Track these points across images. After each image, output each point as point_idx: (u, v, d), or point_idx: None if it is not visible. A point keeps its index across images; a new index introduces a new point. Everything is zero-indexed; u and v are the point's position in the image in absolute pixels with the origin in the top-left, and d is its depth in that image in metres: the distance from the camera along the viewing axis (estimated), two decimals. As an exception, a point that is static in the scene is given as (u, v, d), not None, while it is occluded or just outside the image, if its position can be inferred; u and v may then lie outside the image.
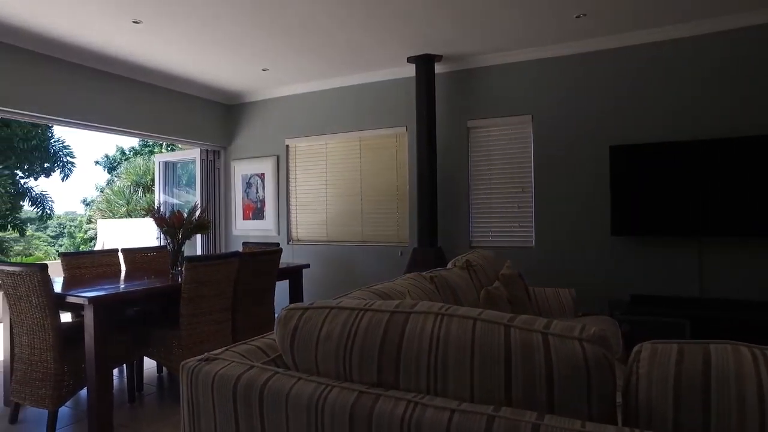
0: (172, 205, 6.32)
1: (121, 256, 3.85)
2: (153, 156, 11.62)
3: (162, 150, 12.74)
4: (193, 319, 2.90)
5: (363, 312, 1.08)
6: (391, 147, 4.93)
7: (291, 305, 1.20)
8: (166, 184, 6.39)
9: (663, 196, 3.70)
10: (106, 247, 9.36)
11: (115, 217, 12.20)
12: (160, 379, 3.56)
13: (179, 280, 3.01)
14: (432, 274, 2.10)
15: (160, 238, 5.88)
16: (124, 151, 15.96)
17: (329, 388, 0.98)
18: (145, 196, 12.33)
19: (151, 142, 13.89)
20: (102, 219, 12.06)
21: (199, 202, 5.60)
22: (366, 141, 5.06)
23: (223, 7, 3.35)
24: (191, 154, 5.96)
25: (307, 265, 4.34)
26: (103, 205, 13.05)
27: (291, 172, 5.52)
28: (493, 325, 0.94)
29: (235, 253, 3.20)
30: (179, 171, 6.58)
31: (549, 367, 0.86)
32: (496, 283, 2.52)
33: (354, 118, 5.08)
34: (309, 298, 4.93)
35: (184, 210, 3.60)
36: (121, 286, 2.98)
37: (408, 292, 1.74)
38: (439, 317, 1.00)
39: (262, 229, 5.66)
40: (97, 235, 11.44)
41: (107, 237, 10.37)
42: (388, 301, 1.12)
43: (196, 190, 5.87)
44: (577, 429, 0.76)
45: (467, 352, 0.92)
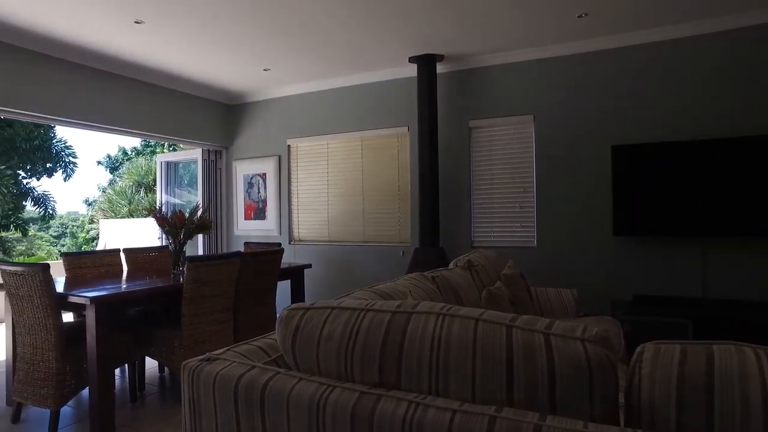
0: (174, 205, 6.32)
1: (122, 256, 3.85)
2: (155, 156, 11.63)
3: (164, 150, 12.76)
4: (194, 319, 2.90)
5: (364, 312, 1.08)
6: (393, 147, 4.93)
7: (292, 305, 1.20)
8: (167, 184, 6.39)
9: (665, 196, 3.69)
10: (108, 247, 9.36)
11: (117, 217, 12.22)
12: (162, 379, 3.57)
13: (181, 280, 3.01)
14: (434, 274, 2.10)
15: (161, 238, 5.89)
16: (126, 152, 15.99)
17: (330, 388, 0.98)
18: (147, 196, 12.34)
19: (153, 143, 13.92)
20: (104, 219, 12.08)
21: (200, 202, 5.60)
22: (367, 141, 5.06)
23: (225, 7, 3.36)
24: (193, 154, 5.96)
25: (309, 265, 4.34)
26: (105, 205, 13.07)
27: (292, 172, 5.52)
28: (494, 326, 0.94)
29: (237, 253, 3.21)
30: (181, 171, 6.58)
31: (551, 367, 0.86)
32: (498, 283, 2.52)
33: (355, 118, 5.08)
34: (310, 298, 4.93)
35: (185, 210, 3.60)
36: (123, 286, 2.98)
37: (409, 292, 1.74)
38: (441, 317, 1.00)
39: (264, 229, 5.66)
40: (99, 235, 11.47)
41: (109, 237, 10.39)
42: (389, 301, 1.12)
43: (198, 190, 5.87)
44: (579, 430, 0.76)
45: (469, 353, 0.92)
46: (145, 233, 8.60)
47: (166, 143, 10.27)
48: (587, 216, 4.06)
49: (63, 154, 11.87)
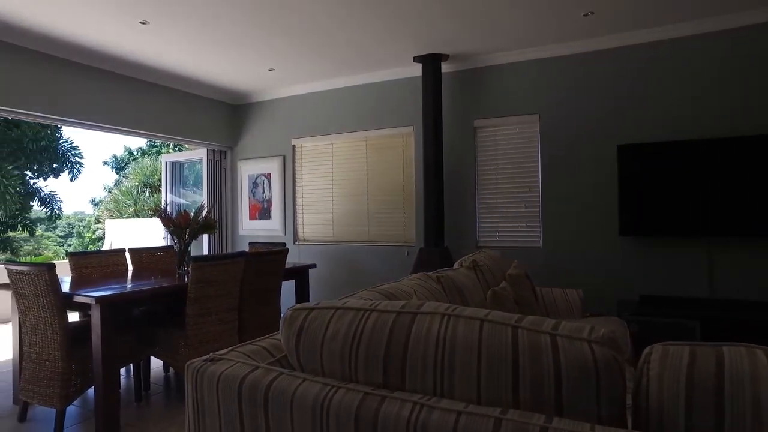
0: (179, 205, 6.34)
1: (128, 256, 3.86)
2: (160, 156, 11.70)
3: (169, 150, 12.81)
4: (199, 319, 2.90)
5: (369, 312, 1.07)
6: (398, 147, 4.92)
7: (296, 305, 1.19)
8: (173, 184, 6.42)
9: (672, 196, 3.66)
10: (113, 246, 9.42)
11: (123, 217, 12.29)
12: (167, 378, 3.57)
13: (185, 280, 3.02)
14: (438, 275, 2.09)
15: (166, 238, 5.91)
16: (131, 152, 16.07)
17: (334, 389, 0.97)
18: (153, 197, 12.40)
19: (158, 143, 13.98)
20: (110, 219, 12.16)
21: (205, 202, 5.61)
22: (372, 141, 5.05)
23: (233, 7, 3.36)
24: (198, 155, 5.98)
25: (314, 265, 4.34)
26: (111, 205, 13.15)
27: (297, 172, 5.53)
28: (500, 326, 0.93)
29: (242, 253, 3.21)
30: (186, 171, 6.60)
31: (557, 368, 0.85)
32: (503, 283, 2.50)
33: (360, 118, 5.08)
34: (315, 298, 4.93)
35: (190, 210, 3.61)
36: (128, 286, 2.99)
37: (414, 292, 1.73)
38: (446, 318, 0.99)
39: (269, 229, 5.67)
40: (105, 235, 11.54)
41: (115, 237, 10.45)
42: (394, 301, 1.11)
43: (203, 190, 5.89)
44: (586, 432, 0.75)
45: (474, 353, 0.91)
46: (151, 233, 8.64)
47: (172, 143, 10.31)
48: (593, 216, 4.04)
49: (69, 154, 11.95)
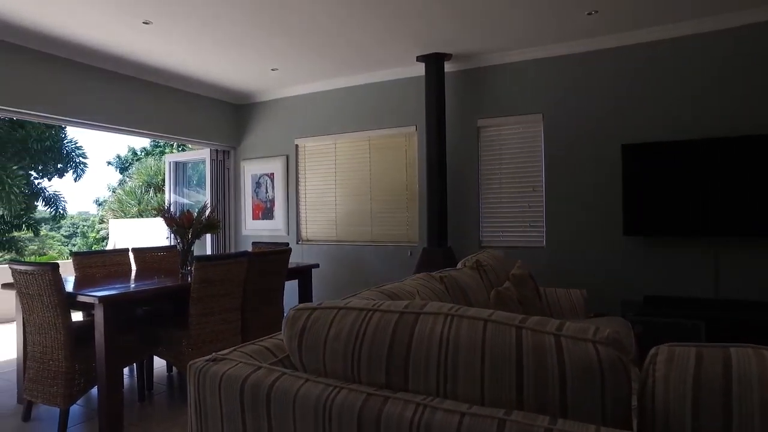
0: (183, 205, 6.36)
1: (131, 256, 3.87)
2: (164, 156, 11.72)
3: (173, 150, 12.85)
4: (202, 318, 2.91)
5: (372, 312, 1.07)
6: (401, 146, 4.92)
7: (299, 305, 1.19)
8: (176, 184, 6.43)
9: (676, 196, 3.64)
10: (117, 246, 9.44)
11: (127, 217, 12.33)
12: (170, 378, 3.58)
13: (189, 279, 3.02)
14: (442, 275, 2.08)
15: (170, 238, 5.92)
16: (135, 152, 16.13)
17: (337, 389, 0.96)
18: (156, 196, 12.44)
19: (162, 143, 14.02)
20: (114, 219, 12.20)
21: (208, 202, 5.62)
22: (375, 140, 5.05)
23: (233, 7, 3.36)
24: (201, 154, 5.99)
25: (317, 265, 4.34)
26: (115, 205, 13.20)
27: (300, 172, 5.53)
28: (504, 327, 0.93)
29: (245, 253, 3.21)
30: (189, 171, 6.62)
31: (562, 369, 0.84)
32: (507, 283, 2.49)
33: (363, 118, 5.07)
34: (318, 297, 4.92)
35: (194, 210, 3.61)
36: (132, 286, 3.00)
37: (417, 292, 1.72)
38: (449, 318, 0.98)
39: (272, 229, 5.67)
40: (109, 234, 11.57)
41: (119, 237, 10.48)
42: (397, 301, 1.11)
43: (206, 190, 5.90)
44: (591, 434, 0.74)
45: (477, 354, 0.90)
46: (154, 233, 8.66)
47: (175, 143, 10.33)
48: (597, 216, 4.02)
49: (74, 154, 11.99)
